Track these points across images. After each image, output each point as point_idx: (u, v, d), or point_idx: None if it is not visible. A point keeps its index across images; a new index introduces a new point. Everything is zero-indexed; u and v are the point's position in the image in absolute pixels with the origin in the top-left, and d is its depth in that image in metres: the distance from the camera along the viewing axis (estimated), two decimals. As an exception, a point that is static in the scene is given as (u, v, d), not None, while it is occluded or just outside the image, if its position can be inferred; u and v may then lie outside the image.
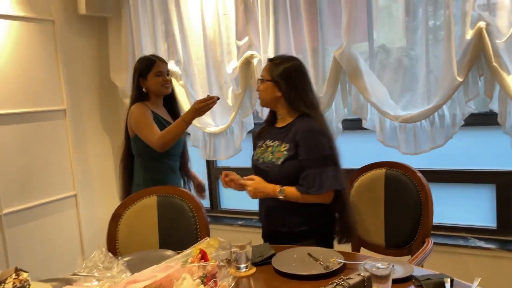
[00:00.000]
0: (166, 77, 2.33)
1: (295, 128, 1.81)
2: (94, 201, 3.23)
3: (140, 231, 1.96)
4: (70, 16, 3.05)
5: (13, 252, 2.71)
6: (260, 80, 1.88)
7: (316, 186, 1.73)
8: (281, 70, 1.83)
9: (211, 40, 2.81)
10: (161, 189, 2.04)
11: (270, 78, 1.84)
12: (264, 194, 1.78)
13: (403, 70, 2.35)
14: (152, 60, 2.32)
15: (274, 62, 1.87)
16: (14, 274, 1.29)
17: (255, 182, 1.78)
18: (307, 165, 1.76)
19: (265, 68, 1.89)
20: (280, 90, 1.82)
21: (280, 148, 1.82)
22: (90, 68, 3.24)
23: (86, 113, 3.22)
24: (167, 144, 2.16)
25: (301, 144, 1.77)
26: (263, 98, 1.89)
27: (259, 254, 1.60)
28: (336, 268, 1.45)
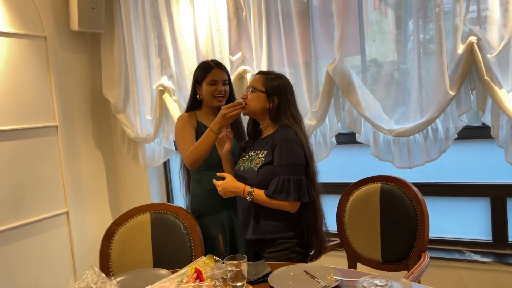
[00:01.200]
0: (220, 86, 2.15)
1: (274, 137, 1.86)
2: (86, 218, 3.18)
3: (134, 249, 1.93)
4: (62, 32, 3.04)
5: (5, 271, 2.65)
6: (251, 89, 1.90)
7: (283, 193, 1.77)
8: (276, 84, 1.89)
9: (204, 55, 2.82)
10: (154, 206, 2.01)
11: (264, 89, 1.88)
12: (234, 193, 1.83)
13: (396, 84, 2.37)
14: (209, 66, 2.18)
15: (268, 76, 1.92)
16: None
17: (225, 182, 1.83)
18: (278, 171, 1.80)
19: (256, 79, 1.92)
20: (271, 102, 1.88)
21: (258, 155, 1.87)
22: (83, 84, 3.22)
23: (79, 129, 3.19)
24: (198, 160, 1.98)
25: (276, 150, 1.81)
26: (251, 107, 1.90)
27: (255, 272, 1.57)
28: (333, 286, 1.43)
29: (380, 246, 2.11)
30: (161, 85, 2.96)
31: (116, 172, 3.42)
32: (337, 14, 2.37)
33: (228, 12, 2.70)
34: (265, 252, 1.85)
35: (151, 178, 3.31)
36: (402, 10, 2.29)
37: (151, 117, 3.06)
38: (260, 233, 1.85)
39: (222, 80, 2.17)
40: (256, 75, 1.96)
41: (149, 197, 3.28)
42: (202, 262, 1.48)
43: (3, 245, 2.66)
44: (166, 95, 2.95)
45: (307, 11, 2.53)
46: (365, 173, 2.24)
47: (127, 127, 3.14)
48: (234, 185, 1.82)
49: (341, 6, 2.36)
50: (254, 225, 1.86)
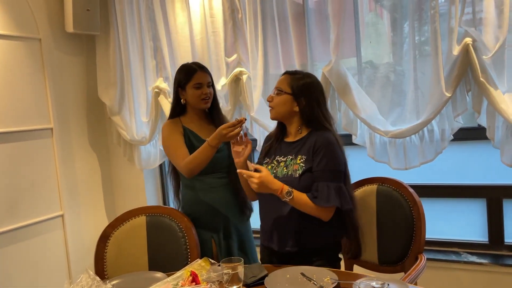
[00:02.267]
0: (206, 89, 2.10)
1: (312, 140, 1.77)
2: (81, 221, 3.16)
3: (129, 252, 1.92)
4: (57, 34, 3.02)
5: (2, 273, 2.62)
6: (277, 91, 1.82)
7: (324, 199, 1.68)
8: (302, 85, 1.80)
9: (199, 57, 2.81)
10: (150, 209, 2.00)
11: (291, 91, 1.80)
12: (270, 190, 1.67)
13: (391, 86, 2.37)
14: (192, 70, 2.12)
15: (295, 76, 1.83)
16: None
17: (263, 175, 1.66)
18: (320, 176, 1.71)
19: (282, 80, 1.84)
20: (299, 104, 1.79)
21: (296, 161, 1.76)
22: (78, 86, 3.21)
23: (74, 132, 3.18)
24: (194, 170, 1.97)
25: (318, 154, 1.72)
26: (278, 111, 1.81)
27: (251, 275, 1.57)
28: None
29: (377, 248, 2.10)
30: (156, 87, 2.95)
31: (111, 175, 3.40)
32: (333, 16, 2.37)
33: (224, 14, 2.70)
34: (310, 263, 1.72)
35: (147, 180, 3.29)
36: (398, 12, 2.30)
37: (146, 119, 3.05)
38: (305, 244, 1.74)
39: (206, 82, 2.12)
40: (283, 75, 1.87)
41: (145, 200, 3.26)
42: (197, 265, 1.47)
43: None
44: (162, 97, 2.94)
45: (302, 13, 2.53)
46: (361, 175, 2.23)
47: (123, 130, 3.13)
48: (272, 180, 1.67)
49: (337, 8, 2.36)
50: (296, 236, 1.74)
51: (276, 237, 1.78)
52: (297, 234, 1.75)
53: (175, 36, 2.87)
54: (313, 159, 1.73)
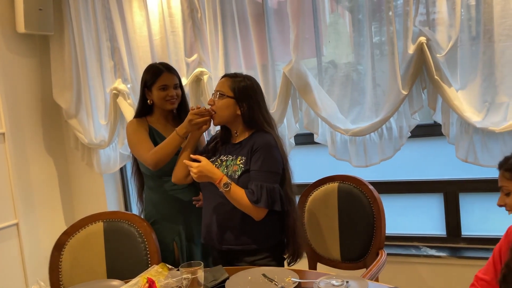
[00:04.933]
0: (172, 91, 2.06)
1: (251, 142, 1.78)
2: (38, 229, 3.03)
3: (86, 260, 1.85)
4: (7, 34, 2.89)
5: None
6: (219, 94, 1.80)
7: (255, 198, 1.68)
8: (243, 88, 1.80)
9: (159, 57, 2.75)
10: (107, 214, 1.94)
11: (233, 94, 1.78)
12: (208, 179, 1.70)
13: (351, 85, 2.40)
14: (159, 71, 2.08)
15: (235, 79, 1.82)
16: None
17: (202, 164, 1.69)
18: (253, 176, 1.72)
19: (223, 83, 1.82)
20: (241, 108, 1.79)
21: (236, 162, 1.78)
22: (32, 88, 3.08)
23: (28, 136, 3.04)
24: (161, 160, 1.93)
25: (255, 155, 1.73)
26: (221, 115, 1.80)
27: (212, 278, 1.54)
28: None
29: (339, 246, 2.12)
30: (114, 88, 2.87)
31: (69, 180, 3.28)
32: (292, 16, 2.37)
33: (183, 13, 2.65)
34: (242, 261, 1.76)
35: (107, 185, 3.20)
36: (358, 12, 2.33)
37: (105, 122, 2.96)
38: (241, 244, 1.75)
39: (173, 84, 2.08)
40: (222, 78, 1.86)
41: (105, 205, 3.16)
42: (154, 271, 1.42)
43: None
44: (121, 99, 2.86)
45: (262, 13, 2.52)
46: (324, 173, 2.25)
47: (80, 133, 3.02)
48: (212, 170, 1.69)
49: (296, 8, 2.36)
50: (233, 234, 1.75)
51: (217, 234, 1.78)
52: (238, 232, 1.75)
53: (133, 36, 2.80)
54: (250, 161, 1.74)
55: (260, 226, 1.74)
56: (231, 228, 1.76)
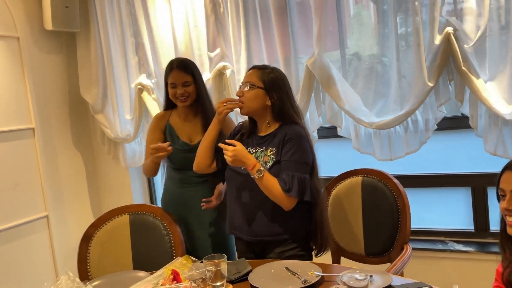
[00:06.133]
0: (180, 89, 2.09)
1: (282, 133, 1.77)
2: (67, 221, 3.12)
3: (113, 252, 1.89)
4: (36, 32, 2.96)
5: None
6: (249, 85, 1.79)
7: (287, 187, 1.68)
8: (273, 79, 1.80)
9: (182, 52, 2.77)
10: (133, 207, 1.98)
11: (263, 85, 1.78)
12: (243, 164, 1.69)
13: (376, 77, 2.36)
14: (169, 69, 2.13)
15: (264, 70, 1.82)
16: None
17: (237, 148, 1.68)
18: (284, 166, 1.72)
19: (252, 74, 1.82)
20: (271, 98, 1.78)
21: (266, 153, 1.77)
22: (59, 84, 3.15)
23: (56, 131, 3.12)
24: (146, 174, 2.19)
25: (286, 146, 1.73)
26: (250, 105, 1.79)
27: (235, 271, 1.55)
28: (314, 282, 1.41)
29: (363, 240, 2.11)
30: (139, 83, 2.91)
31: (96, 174, 3.36)
32: (315, 8, 2.35)
33: (206, 8, 2.66)
34: (272, 252, 1.76)
35: (132, 178, 3.26)
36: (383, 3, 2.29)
37: (130, 117, 3.01)
38: (271, 234, 1.74)
39: (181, 82, 2.09)
40: (250, 70, 1.86)
41: (131, 198, 3.22)
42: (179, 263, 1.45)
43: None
44: (145, 94, 2.90)
45: (285, 6, 2.50)
46: (347, 167, 2.23)
47: (106, 128, 3.09)
48: (246, 155, 1.68)
49: (319, 0, 2.34)
50: (263, 225, 1.75)
51: (246, 225, 1.79)
52: (268, 222, 1.75)
53: (156, 31, 2.83)
54: (281, 151, 1.74)
55: (290, 216, 1.75)
56: (261, 219, 1.76)
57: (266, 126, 1.84)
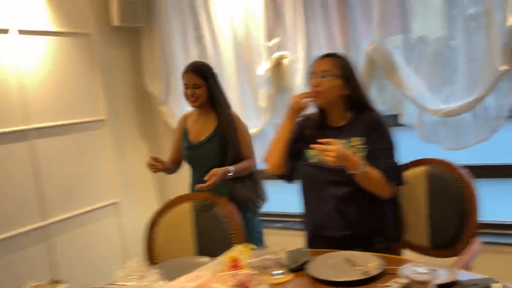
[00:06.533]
0: (191, 90, 2.20)
1: (362, 122, 1.72)
2: (135, 208, 3.29)
3: (177, 238, 1.97)
4: (104, 28, 3.13)
5: (61, 258, 2.80)
6: (328, 74, 1.71)
7: (388, 175, 1.63)
8: (348, 66, 1.75)
9: (241, 42, 2.81)
10: (195, 196, 2.04)
11: (340, 73, 1.72)
12: (346, 162, 1.57)
13: (442, 61, 2.25)
14: (184, 71, 2.26)
15: (339, 58, 1.77)
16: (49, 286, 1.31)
17: (339, 147, 1.56)
18: (379, 155, 1.66)
19: (327, 63, 1.74)
20: (349, 87, 1.73)
21: (350, 145, 1.69)
22: (126, 77, 3.31)
23: (124, 122, 3.29)
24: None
25: (373, 134, 1.69)
26: (328, 95, 1.71)
27: (294, 260, 1.55)
28: (375, 274, 1.38)
29: (428, 232, 2.02)
30: (200, 75, 2.98)
31: (161, 163, 3.50)
32: (376, -8, 2.27)
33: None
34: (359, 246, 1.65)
35: (194, 167, 3.36)
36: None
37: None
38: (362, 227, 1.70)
39: (192, 84, 2.20)
40: (323, 58, 1.78)
41: (193, 187, 3.33)
42: (238, 251, 1.48)
43: (58, 234, 2.81)
44: (206, 85, 2.97)
45: (344, -9, 2.44)
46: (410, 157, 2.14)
47: (170, 119, 3.20)
48: (347, 152, 1.58)
49: (380, -16, 2.25)
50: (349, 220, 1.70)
51: (331, 223, 1.73)
52: (354, 217, 1.71)
53: (216, 23, 2.88)
54: (368, 140, 1.69)
55: (378, 207, 1.73)
56: (349, 212, 1.72)
57: (339, 116, 1.77)
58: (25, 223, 2.66)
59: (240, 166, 2.18)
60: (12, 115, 2.62)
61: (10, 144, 2.62)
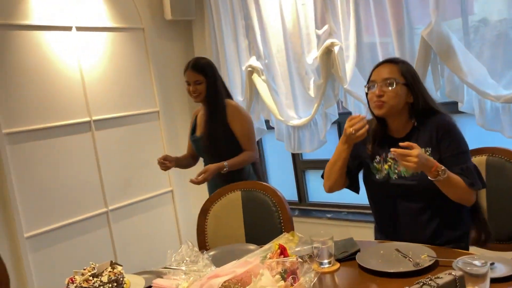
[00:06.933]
0: (192, 87, 2.32)
1: (429, 129, 1.61)
2: (188, 196, 3.40)
3: (227, 225, 2.01)
4: (157, 22, 3.23)
5: (121, 244, 2.96)
6: (389, 83, 1.60)
7: (470, 181, 1.53)
8: (411, 71, 1.65)
9: (290, 31, 2.79)
10: (245, 184, 2.07)
11: (405, 80, 1.62)
12: (425, 167, 1.47)
13: (505, 44, 2.11)
14: (186, 67, 2.35)
15: (401, 63, 1.66)
16: (110, 267, 1.40)
17: (419, 152, 1.44)
18: (454, 161, 1.56)
19: (389, 69, 1.63)
20: (413, 94, 1.62)
21: None
22: (179, 70, 3.38)
23: (177, 113, 3.39)
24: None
25: (445, 140, 1.58)
26: (393, 104, 1.60)
27: (343, 250, 1.54)
28: (426, 266, 1.34)
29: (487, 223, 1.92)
30: (249, 65, 3.01)
31: (213, 153, 3.58)
32: (432, -28, 2.16)
33: (313, -16, 2.63)
34: None
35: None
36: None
37: (242, 98, 3.13)
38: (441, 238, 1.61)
39: (193, 81, 2.31)
40: (382, 65, 1.67)
41: (244, 176, 3.37)
42: (285, 239, 1.49)
43: (119, 220, 2.96)
44: (255, 76, 2.99)
45: (397, -27, 2.35)
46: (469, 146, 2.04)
47: (221, 109, 3.25)
48: (427, 156, 1.47)
49: (436, -37, 2.14)
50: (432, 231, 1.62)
51: (407, 235, 1.64)
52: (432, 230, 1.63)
53: (265, 12, 2.88)
54: (439, 148, 1.59)
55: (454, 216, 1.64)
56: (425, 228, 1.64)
57: (402, 125, 1.67)
58: (90, 209, 2.83)
59: (236, 160, 2.30)
60: (76, 108, 2.79)
61: (75, 135, 2.79)
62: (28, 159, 2.56)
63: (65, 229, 2.69)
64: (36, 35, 2.60)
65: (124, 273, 1.43)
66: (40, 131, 2.61)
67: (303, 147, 2.95)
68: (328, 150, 3.01)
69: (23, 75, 2.55)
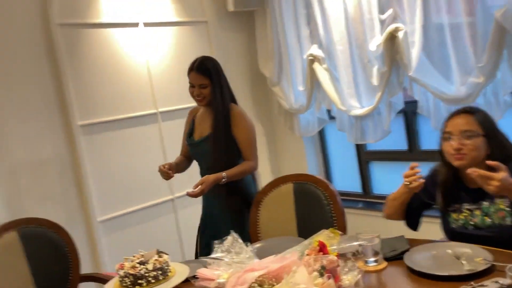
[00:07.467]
0: (196, 90, 2.14)
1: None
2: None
3: (279, 217, 2.02)
4: (220, 14, 3.28)
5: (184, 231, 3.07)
6: (468, 135, 1.52)
7: None
8: (490, 121, 1.56)
9: (352, 17, 2.68)
10: (296, 176, 2.06)
11: (483, 132, 1.52)
12: (509, 192, 1.39)
13: None
14: (189, 68, 2.18)
15: (477, 113, 1.57)
16: (156, 255, 1.47)
17: (505, 175, 1.36)
18: None
19: (467, 121, 1.54)
20: (491, 146, 1.53)
21: (497, 207, 1.52)
22: (241, 61, 3.44)
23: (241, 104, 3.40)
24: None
25: None
26: (473, 157, 1.51)
27: (392, 248, 1.48)
28: (480, 270, 1.24)
29: None
30: (311, 54, 2.95)
31: (275, 143, 3.59)
32: None
33: (376, -35, 2.49)
34: None
35: (307, 147, 3.38)
36: None
37: (303, 88, 3.09)
38: None
39: (198, 84, 2.13)
40: (459, 115, 1.57)
41: (305, 167, 3.35)
42: (325, 235, 1.45)
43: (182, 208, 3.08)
44: (316, 64, 2.93)
45: None
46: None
47: (282, 99, 3.25)
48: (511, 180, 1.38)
49: None
50: None
51: None
52: None
53: (326, 0, 2.80)
54: None
55: None
56: None
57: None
58: (157, 196, 2.98)
59: (236, 170, 2.09)
60: (144, 101, 2.94)
61: (143, 126, 2.95)
62: (101, 149, 2.75)
63: (134, 214, 2.87)
64: (106, 33, 2.78)
65: (170, 262, 1.49)
66: (111, 122, 2.80)
67: (366, 137, 2.85)
68: (393, 140, 2.89)
69: (95, 71, 2.74)
